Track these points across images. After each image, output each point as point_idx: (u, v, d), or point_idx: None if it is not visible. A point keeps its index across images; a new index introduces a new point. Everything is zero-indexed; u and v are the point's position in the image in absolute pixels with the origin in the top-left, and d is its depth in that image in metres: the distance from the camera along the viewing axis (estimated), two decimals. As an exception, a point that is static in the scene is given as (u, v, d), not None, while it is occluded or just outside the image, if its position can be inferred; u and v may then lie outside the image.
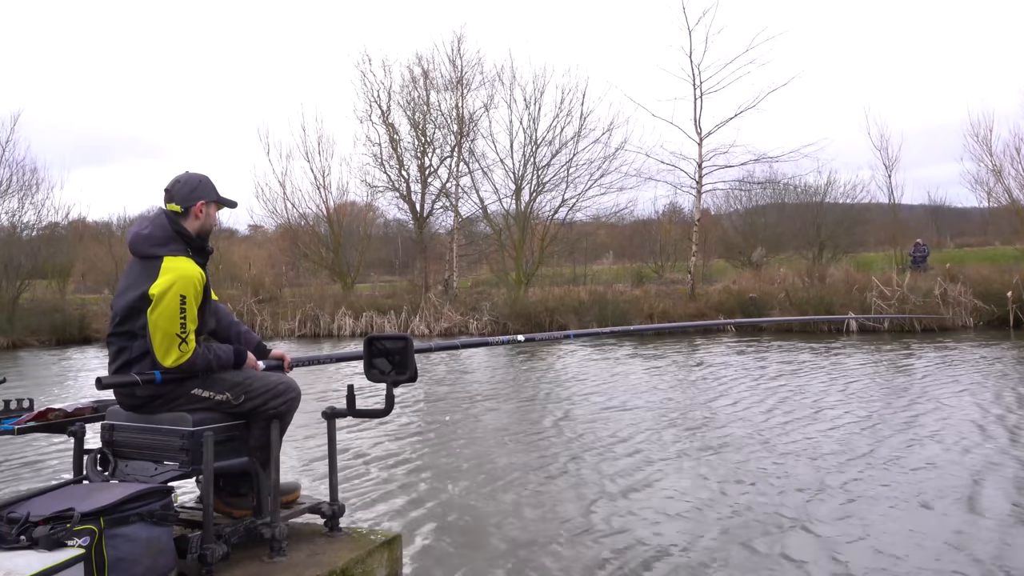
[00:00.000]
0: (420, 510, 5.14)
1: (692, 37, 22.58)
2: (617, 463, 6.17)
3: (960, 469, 5.62)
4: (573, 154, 24.62)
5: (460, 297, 23.76)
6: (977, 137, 22.66)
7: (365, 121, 26.51)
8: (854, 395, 9.02)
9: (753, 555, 4.13)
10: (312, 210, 28.17)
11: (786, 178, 26.05)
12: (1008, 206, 23.41)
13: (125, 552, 2.36)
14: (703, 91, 22.51)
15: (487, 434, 7.63)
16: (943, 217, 39.10)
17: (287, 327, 23.06)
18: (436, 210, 26.65)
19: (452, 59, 25.63)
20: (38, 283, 26.89)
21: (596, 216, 27.54)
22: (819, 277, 20.09)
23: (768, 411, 8.19)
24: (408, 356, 3.04)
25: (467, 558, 4.25)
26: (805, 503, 4.97)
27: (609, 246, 35.47)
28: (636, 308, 19.88)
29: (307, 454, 6.65)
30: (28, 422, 3.01)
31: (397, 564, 3.26)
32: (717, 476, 5.69)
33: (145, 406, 2.85)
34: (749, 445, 6.63)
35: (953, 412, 7.72)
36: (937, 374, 10.43)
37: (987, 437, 6.60)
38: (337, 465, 3.32)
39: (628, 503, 5.11)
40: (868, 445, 6.46)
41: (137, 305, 2.77)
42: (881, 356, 12.91)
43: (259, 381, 2.96)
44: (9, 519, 2.33)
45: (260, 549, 2.95)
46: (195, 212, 2.95)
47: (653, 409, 8.57)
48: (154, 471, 2.79)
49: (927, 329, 16.65)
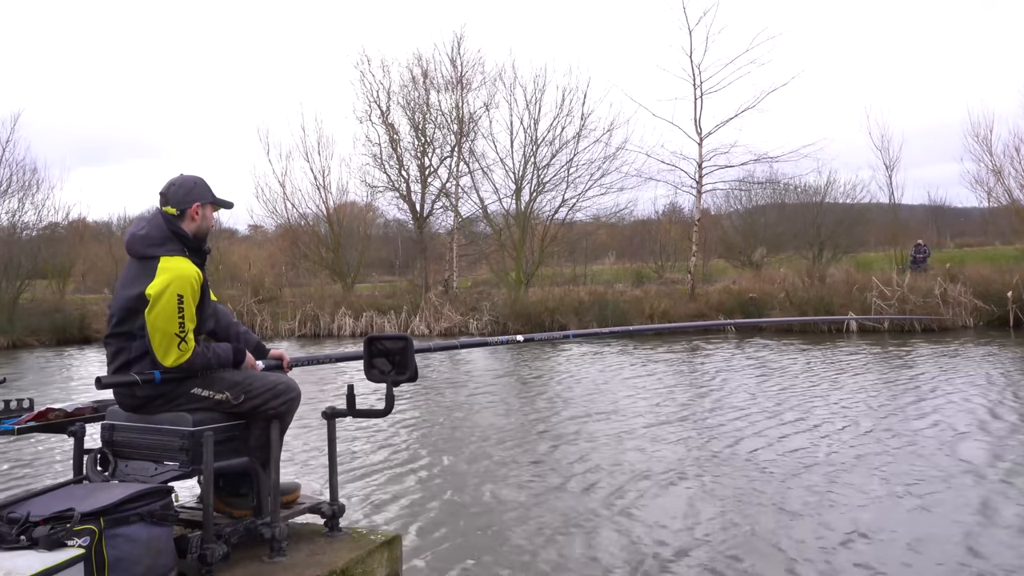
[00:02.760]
0: (420, 510, 5.14)
1: (692, 37, 22.62)
2: (617, 464, 6.17)
3: (961, 469, 5.62)
4: (573, 154, 24.66)
5: (460, 297, 23.76)
6: (977, 137, 22.67)
7: (365, 121, 26.54)
8: (854, 395, 9.02)
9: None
10: (312, 210, 28.22)
11: (786, 178, 26.13)
12: (1008, 206, 23.40)
13: (125, 552, 2.36)
14: (703, 91, 22.55)
15: (487, 434, 7.63)
16: (943, 217, 39.08)
17: (287, 327, 23.05)
18: (436, 210, 26.68)
19: (452, 59, 25.67)
20: (38, 283, 26.89)
21: (596, 216, 27.60)
22: (819, 277, 20.08)
23: (768, 411, 8.19)
24: (408, 356, 3.04)
25: (467, 558, 4.26)
26: (805, 503, 4.97)
27: (609, 246, 35.48)
28: (636, 308, 19.88)
29: (307, 454, 6.65)
30: (28, 422, 3.00)
31: (397, 564, 3.26)
32: (717, 476, 5.68)
33: (145, 406, 2.84)
34: (749, 446, 6.63)
35: (953, 412, 7.72)
36: (937, 374, 10.43)
37: (988, 437, 6.60)
38: (337, 465, 3.32)
39: (628, 503, 5.11)
40: (868, 446, 6.46)
41: (135, 306, 2.76)
42: (881, 356, 12.91)
43: (259, 381, 2.95)
44: (9, 519, 2.33)
45: (260, 549, 2.95)
46: (191, 214, 2.94)
47: (653, 409, 8.57)
48: (154, 471, 2.79)
49: (927, 329, 16.65)
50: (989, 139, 22.53)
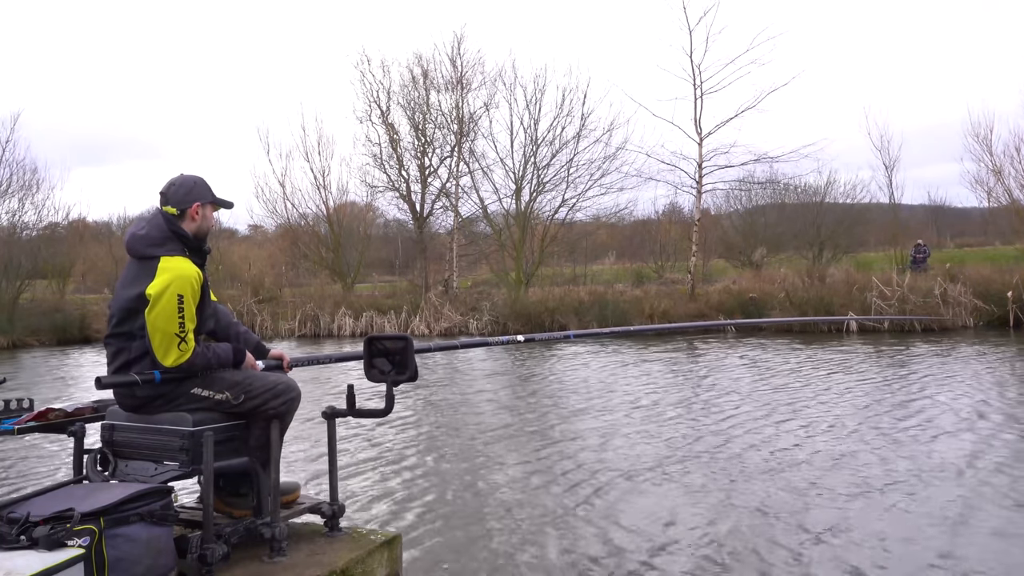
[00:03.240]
0: (420, 510, 5.14)
1: (693, 37, 22.61)
2: (617, 464, 6.18)
3: (961, 469, 5.62)
4: (573, 154, 24.66)
5: (460, 297, 23.75)
6: (977, 137, 22.67)
7: (365, 121, 26.55)
8: (854, 395, 9.02)
9: (754, 555, 4.13)
10: (312, 210, 28.22)
11: (786, 178, 26.11)
12: (1008, 206, 23.40)
13: (125, 552, 2.36)
14: (704, 91, 22.55)
15: (487, 434, 7.63)
16: (943, 217, 39.06)
17: (287, 327, 23.05)
18: (436, 210, 26.69)
19: (452, 59, 25.67)
20: (38, 283, 26.88)
21: (596, 216, 27.58)
22: (819, 277, 20.07)
23: (767, 412, 8.19)
24: (408, 356, 3.04)
25: (467, 558, 4.26)
26: (804, 503, 4.97)
27: (609, 246, 35.47)
28: (636, 308, 19.89)
29: (307, 454, 6.65)
30: (28, 422, 3.00)
31: (397, 564, 3.26)
32: (717, 476, 5.69)
33: (145, 406, 2.84)
34: (749, 446, 6.63)
35: (953, 412, 7.72)
36: (937, 374, 10.43)
37: (988, 437, 6.60)
38: (337, 465, 3.32)
39: (629, 503, 5.12)
40: (869, 446, 6.46)
41: (134, 306, 2.76)
42: (881, 356, 12.91)
43: (259, 381, 2.95)
44: (9, 519, 2.33)
45: (260, 549, 2.95)
46: (191, 214, 2.95)
47: (653, 410, 8.57)
48: (154, 471, 2.79)
49: (927, 329, 16.65)
50: (989, 139, 22.56)
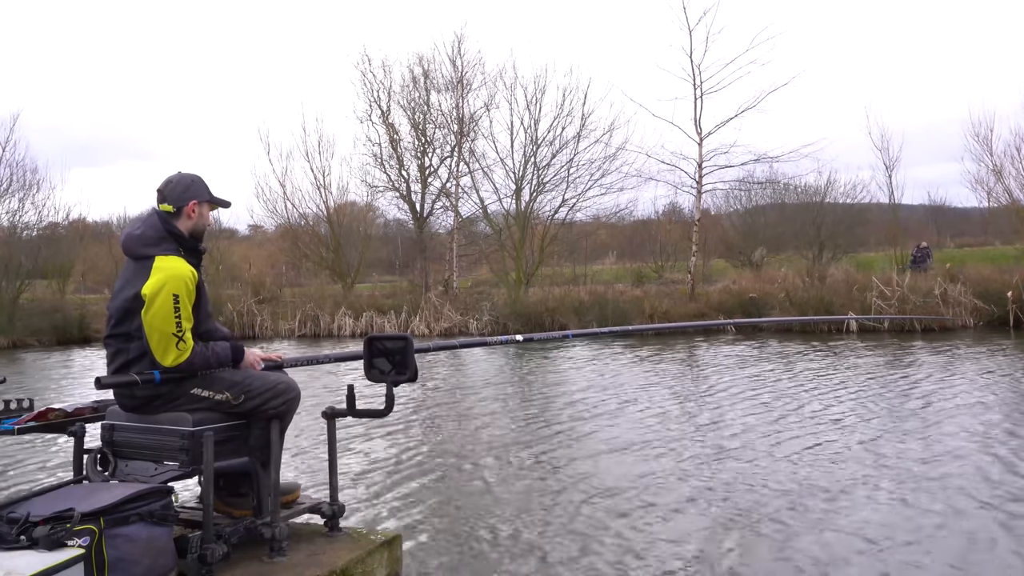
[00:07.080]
0: (420, 510, 5.14)
1: (692, 37, 22.57)
2: (618, 464, 6.17)
3: (961, 469, 5.62)
4: (574, 154, 24.63)
5: (460, 297, 23.75)
6: (977, 137, 22.65)
7: (365, 121, 26.52)
8: (854, 395, 9.01)
9: (754, 555, 4.13)
10: (312, 210, 28.19)
11: (786, 178, 26.08)
12: (1008, 206, 23.40)
13: (125, 552, 2.36)
14: (703, 91, 22.50)
15: (487, 434, 7.63)
16: (943, 217, 39.05)
17: (287, 327, 23.05)
18: (436, 210, 26.65)
19: (453, 59, 25.65)
20: (38, 283, 26.87)
21: (596, 216, 27.58)
22: (819, 277, 20.06)
23: (767, 412, 8.19)
24: (408, 356, 3.04)
25: (467, 558, 4.26)
26: (804, 503, 4.97)
27: (610, 246, 35.47)
28: (636, 308, 19.88)
29: (307, 454, 6.65)
30: (28, 422, 3.01)
31: (397, 564, 3.26)
32: (717, 476, 5.69)
33: (145, 406, 2.84)
34: (749, 446, 6.63)
35: (953, 412, 7.72)
36: (937, 374, 10.42)
37: (988, 437, 6.60)
38: (337, 465, 3.32)
39: (629, 503, 5.12)
40: (869, 446, 6.46)
41: (131, 306, 2.76)
42: (881, 356, 12.91)
43: (259, 381, 2.96)
44: (9, 519, 2.33)
45: (260, 549, 2.95)
46: (188, 212, 2.95)
47: (653, 410, 8.57)
48: (154, 471, 2.79)
49: (927, 329, 16.65)
50: (989, 139, 22.54)
